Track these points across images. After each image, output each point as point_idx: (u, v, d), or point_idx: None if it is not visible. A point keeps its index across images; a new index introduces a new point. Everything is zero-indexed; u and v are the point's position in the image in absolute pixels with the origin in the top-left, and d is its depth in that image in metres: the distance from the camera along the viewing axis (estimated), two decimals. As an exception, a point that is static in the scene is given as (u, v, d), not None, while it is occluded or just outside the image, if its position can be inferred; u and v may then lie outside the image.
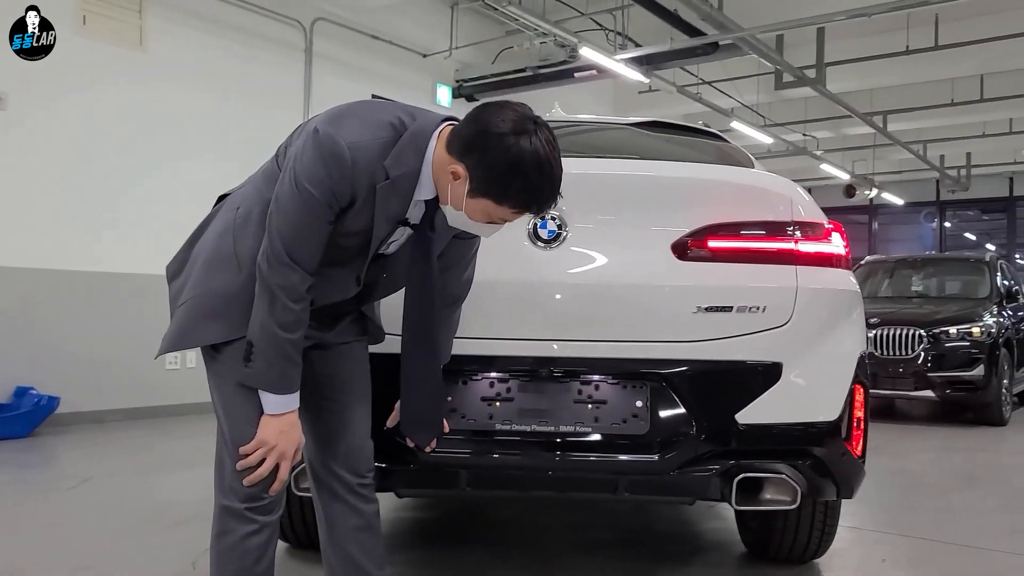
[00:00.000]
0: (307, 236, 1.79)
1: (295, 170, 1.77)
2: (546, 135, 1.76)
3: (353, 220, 1.82)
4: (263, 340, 1.81)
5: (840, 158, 16.04)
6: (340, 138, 1.74)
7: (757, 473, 2.37)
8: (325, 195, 1.75)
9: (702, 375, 2.37)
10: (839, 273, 2.55)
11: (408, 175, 1.81)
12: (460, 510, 4.08)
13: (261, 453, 1.86)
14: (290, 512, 3.00)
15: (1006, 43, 9.96)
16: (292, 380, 1.87)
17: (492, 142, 1.72)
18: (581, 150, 3.26)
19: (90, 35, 6.92)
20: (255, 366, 1.83)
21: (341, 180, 1.75)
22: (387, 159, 1.78)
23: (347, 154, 1.74)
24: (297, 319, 1.82)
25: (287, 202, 1.78)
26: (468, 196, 1.78)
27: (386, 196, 1.81)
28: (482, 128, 1.74)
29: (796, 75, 10.04)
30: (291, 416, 1.89)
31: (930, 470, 5.66)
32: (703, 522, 3.90)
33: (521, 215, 1.83)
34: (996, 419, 7.81)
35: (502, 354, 2.40)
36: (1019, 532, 3.90)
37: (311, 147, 1.76)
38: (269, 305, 1.80)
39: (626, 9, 9.46)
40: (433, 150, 1.82)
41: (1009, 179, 18.60)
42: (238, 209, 1.94)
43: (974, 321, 7.90)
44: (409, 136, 1.81)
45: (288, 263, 1.78)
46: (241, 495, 1.87)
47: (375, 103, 1.91)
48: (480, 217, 1.82)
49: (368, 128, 1.79)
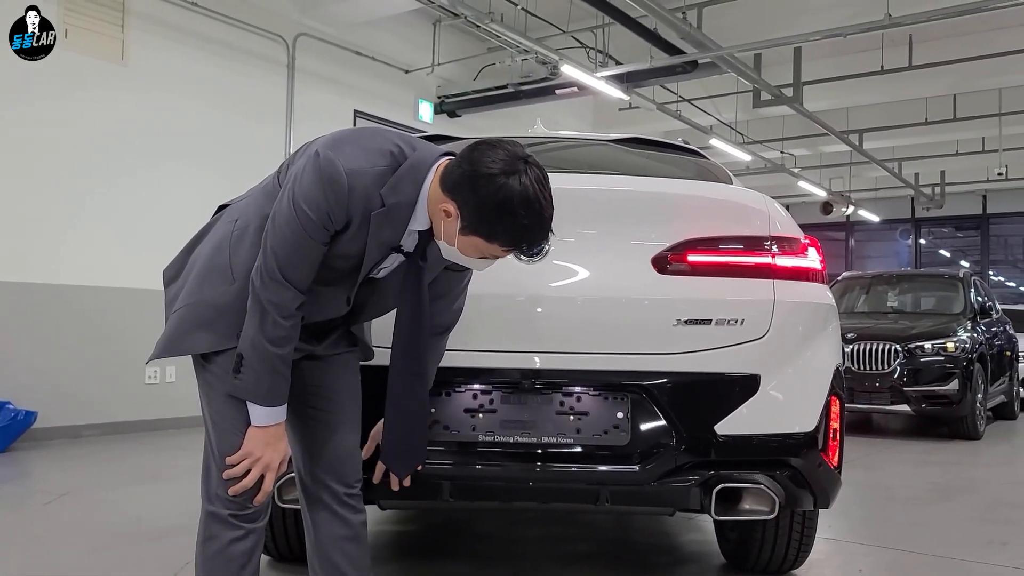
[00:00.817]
0: (301, 256, 1.82)
1: (294, 191, 1.81)
2: (536, 174, 1.79)
3: (347, 244, 1.86)
4: (253, 354, 1.85)
5: (817, 175, 16.22)
6: (339, 164, 1.78)
7: (736, 483, 2.40)
8: (321, 218, 1.79)
9: (682, 387, 2.41)
10: (815, 287, 2.60)
11: (404, 204, 1.85)
12: (442, 523, 4.08)
13: (247, 464, 1.89)
14: (272, 525, 3.00)
15: (978, 63, 10.17)
16: (280, 393, 1.90)
17: (482, 182, 1.75)
18: (563, 166, 3.31)
19: (71, 48, 6.91)
20: (244, 378, 1.86)
21: (337, 205, 1.78)
22: (384, 187, 1.81)
23: (345, 180, 1.77)
24: (287, 335, 1.86)
25: (284, 222, 1.81)
26: (460, 233, 1.81)
27: (380, 223, 1.84)
28: (473, 168, 1.77)
29: (774, 93, 10.17)
30: (278, 428, 1.93)
31: (906, 483, 5.73)
32: (682, 534, 3.93)
33: (512, 252, 1.90)
34: (971, 433, 7.91)
35: (485, 366, 2.43)
36: (994, 543, 3.96)
37: (311, 170, 1.79)
38: (260, 320, 1.83)
39: (607, 27, 9.56)
40: (430, 183, 1.85)
41: (982, 197, 18.87)
42: (236, 221, 1.98)
43: (949, 336, 8.01)
44: (408, 167, 1.84)
45: (281, 281, 1.82)
46: (226, 502, 1.90)
47: (378, 130, 1.93)
48: (472, 253, 1.86)
49: (368, 156, 1.82)
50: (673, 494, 2.42)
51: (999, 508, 4.88)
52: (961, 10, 7.67)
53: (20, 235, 6.62)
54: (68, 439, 6.69)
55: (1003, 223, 19.35)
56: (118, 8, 7.30)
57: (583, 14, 9.17)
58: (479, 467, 2.40)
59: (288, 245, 1.81)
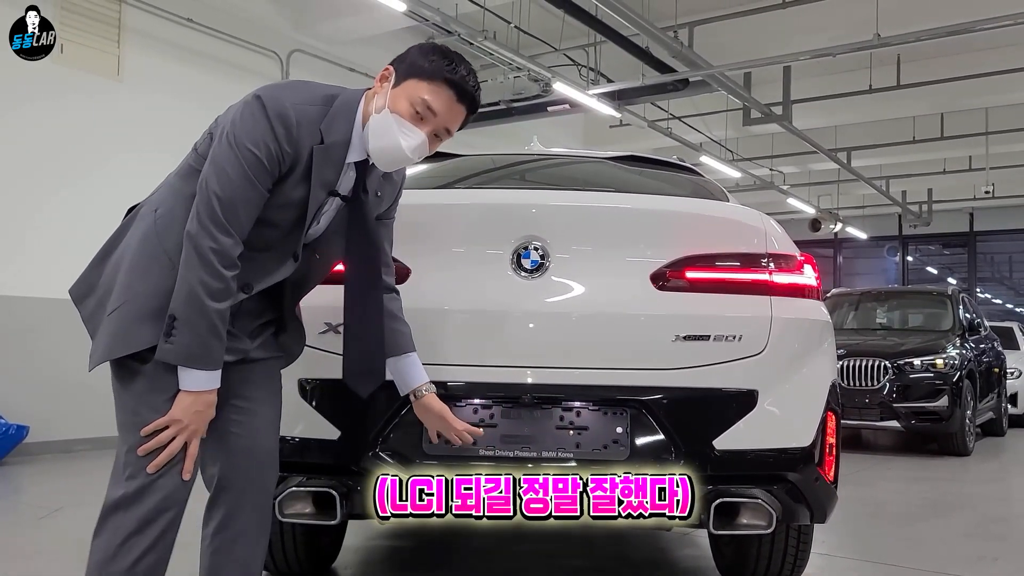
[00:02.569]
0: (244, 200, 1.82)
1: (234, 135, 1.81)
2: (459, 55, 1.98)
3: (291, 189, 1.89)
4: (189, 310, 1.77)
5: (806, 193, 16.36)
6: (286, 100, 1.85)
7: (734, 498, 2.42)
8: (268, 158, 1.82)
9: (680, 402, 2.43)
10: (811, 303, 2.64)
11: (340, 142, 1.92)
12: (437, 538, 4.09)
13: (171, 432, 1.81)
14: (271, 541, 2.99)
15: (965, 83, 10.30)
16: (216, 356, 1.83)
17: (414, 47, 1.98)
18: (560, 183, 3.35)
19: (67, 63, 6.93)
20: (178, 339, 1.77)
21: (287, 141, 1.83)
22: (323, 123, 1.89)
23: (292, 114, 1.83)
24: (226, 288, 1.81)
25: (226, 165, 1.80)
26: (393, 88, 1.92)
27: (322, 161, 1.89)
28: (408, 51, 1.98)
29: (763, 111, 10.28)
30: (210, 396, 1.85)
31: (897, 499, 5.76)
32: (678, 549, 3.94)
33: (441, 91, 1.93)
34: (960, 449, 7.95)
35: (486, 381, 2.44)
36: (986, 559, 3.99)
37: (255, 111, 1.83)
38: (199, 270, 1.77)
39: (599, 45, 9.64)
40: (361, 111, 1.95)
41: (969, 214, 19.06)
42: (156, 211, 1.92)
43: (938, 353, 8.06)
44: (340, 104, 1.93)
45: (223, 224, 1.79)
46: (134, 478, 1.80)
47: (304, 81, 2.03)
48: (403, 105, 1.91)
49: (307, 94, 1.91)
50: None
51: (989, 524, 4.92)
52: (949, 31, 7.79)
53: (16, 249, 6.61)
54: (60, 453, 6.66)
55: (990, 241, 19.55)
56: (114, 24, 7.33)
57: (575, 32, 9.25)
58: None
59: (231, 187, 1.80)
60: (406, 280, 2.45)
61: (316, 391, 2.46)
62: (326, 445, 2.44)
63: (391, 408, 2.41)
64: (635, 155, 3.34)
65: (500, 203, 2.66)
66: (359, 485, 2.40)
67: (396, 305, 2.26)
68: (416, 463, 2.39)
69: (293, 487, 2.42)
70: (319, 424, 2.44)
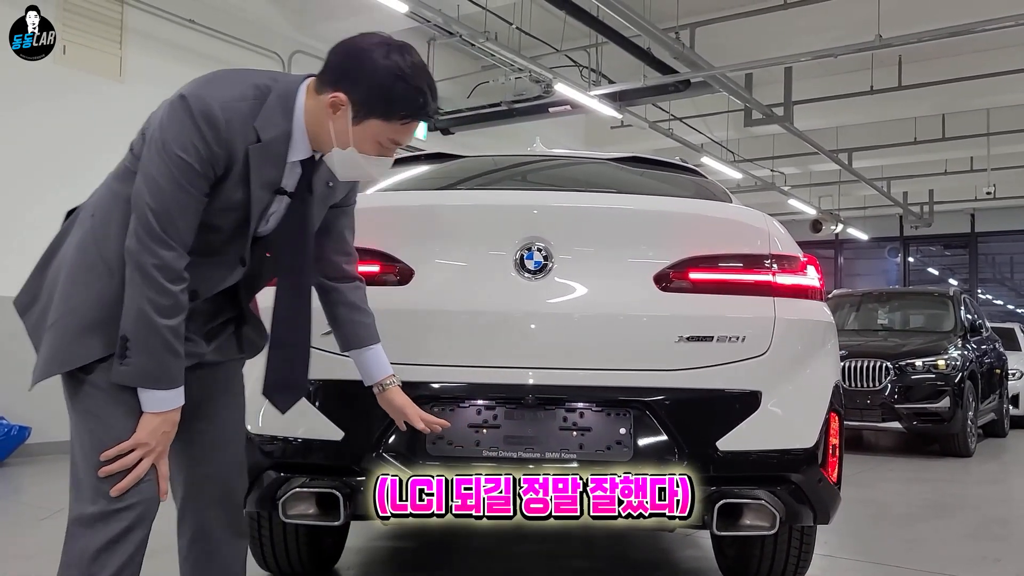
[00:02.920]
0: (180, 209, 1.70)
1: (162, 141, 1.69)
2: (412, 50, 1.80)
3: (230, 191, 1.76)
4: (140, 330, 1.68)
5: (807, 193, 16.35)
6: (211, 99, 1.70)
7: (737, 499, 2.42)
8: (200, 162, 1.69)
9: (684, 403, 2.44)
10: (814, 304, 2.64)
11: (279, 138, 1.77)
12: (438, 538, 4.09)
13: (137, 454, 1.72)
14: (272, 539, 3.00)
15: (966, 84, 10.30)
16: (176, 373, 1.74)
17: (366, 58, 1.73)
18: (564, 184, 3.35)
19: (69, 64, 6.94)
20: (132, 361, 1.69)
21: (217, 142, 1.69)
22: (257, 119, 1.74)
23: (220, 114, 1.69)
24: (176, 303, 1.71)
25: (157, 175, 1.68)
26: (353, 124, 1.76)
27: (260, 160, 1.76)
28: (351, 51, 1.75)
29: (765, 112, 10.28)
30: (174, 414, 1.77)
31: (899, 500, 5.76)
32: (680, 550, 3.94)
33: (410, 127, 1.81)
34: (962, 450, 7.95)
35: (489, 382, 2.44)
36: (988, 560, 3.99)
37: (180, 113, 1.69)
38: (145, 289, 1.67)
39: (600, 46, 9.65)
40: (302, 106, 1.79)
41: (970, 215, 19.05)
42: (93, 216, 1.81)
43: (939, 354, 8.06)
44: (275, 97, 1.77)
45: (162, 238, 1.68)
46: (106, 498, 1.71)
47: (236, 69, 1.87)
48: (370, 147, 1.79)
49: (236, 89, 1.75)
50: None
51: (991, 525, 4.92)
52: (951, 31, 7.79)
53: (17, 249, 6.61)
54: (62, 454, 6.64)
55: (991, 242, 19.55)
56: (116, 25, 7.34)
57: (577, 33, 9.26)
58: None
59: (166, 198, 1.68)
60: (410, 281, 2.45)
61: (319, 392, 2.45)
62: (329, 446, 2.44)
63: (394, 409, 2.42)
64: (638, 156, 3.34)
65: (503, 204, 2.66)
66: (362, 486, 2.41)
67: (359, 295, 2.17)
68: (419, 464, 2.39)
69: (297, 488, 2.42)
70: (322, 425, 2.44)
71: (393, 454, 2.40)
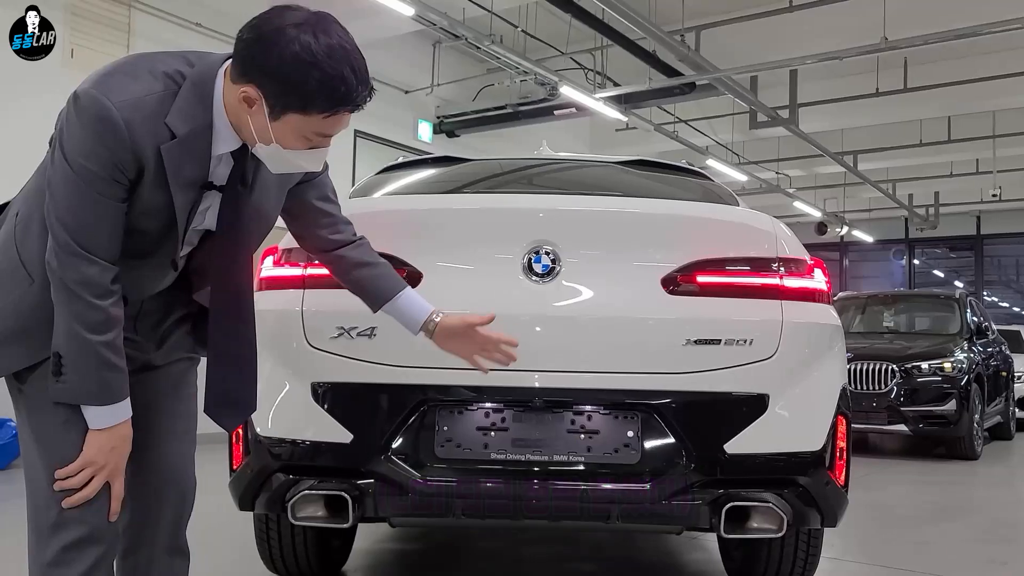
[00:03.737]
0: (95, 219, 1.53)
1: (63, 146, 1.52)
2: (329, 18, 1.55)
3: (148, 195, 1.58)
4: (72, 348, 1.56)
5: (812, 196, 16.35)
6: (107, 99, 1.49)
7: (745, 502, 2.42)
8: (106, 168, 1.50)
9: (692, 406, 2.44)
10: (822, 308, 2.64)
11: (198, 131, 1.57)
12: (447, 541, 4.10)
13: (88, 473, 1.61)
14: (281, 541, 3.01)
15: (972, 86, 10.30)
16: (116, 388, 1.61)
17: (270, 42, 1.49)
18: (571, 187, 3.36)
19: (77, 68, 6.97)
20: (68, 379, 1.57)
21: (119, 147, 1.50)
22: (168, 115, 1.54)
23: (117, 115, 1.49)
24: (107, 318, 1.57)
25: (62, 184, 1.52)
26: (271, 119, 1.54)
27: (176, 158, 1.56)
28: (258, 35, 1.51)
29: (770, 115, 10.29)
30: (122, 428, 1.65)
31: (905, 502, 5.75)
32: (687, 553, 3.95)
33: (338, 119, 1.58)
34: (968, 453, 7.93)
35: (497, 384, 2.44)
36: (995, 563, 3.98)
37: (75, 115, 1.51)
38: (70, 307, 1.54)
39: (605, 49, 9.67)
40: (221, 93, 1.58)
41: (976, 218, 19.02)
42: (16, 215, 1.68)
43: (945, 357, 8.04)
44: (189, 85, 1.56)
45: (79, 253, 1.53)
46: (75, 524, 1.62)
47: (144, 55, 1.64)
48: (295, 142, 1.58)
49: (139, 82, 1.53)
50: (683, 512, 2.44)
51: (998, 528, 4.91)
52: (956, 34, 7.80)
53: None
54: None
55: (997, 244, 19.51)
56: (123, 28, 7.37)
57: (582, 36, 9.28)
58: (491, 485, 2.42)
59: (76, 210, 1.51)
60: (418, 284, 2.46)
61: (328, 395, 2.47)
62: (338, 448, 2.44)
63: (403, 412, 2.43)
64: (644, 159, 3.35)
65: (511, 208, 2.67)
66: (370, 488, 2.42)
67: (364, 251, 2.02)
68: (427, 466, 2.40)
69: (305, 490, 2.43)
70: (331, 427, 2.45)
71: (401, 456, 2.41)
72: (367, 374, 2.44)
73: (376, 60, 8.74)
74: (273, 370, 2.52)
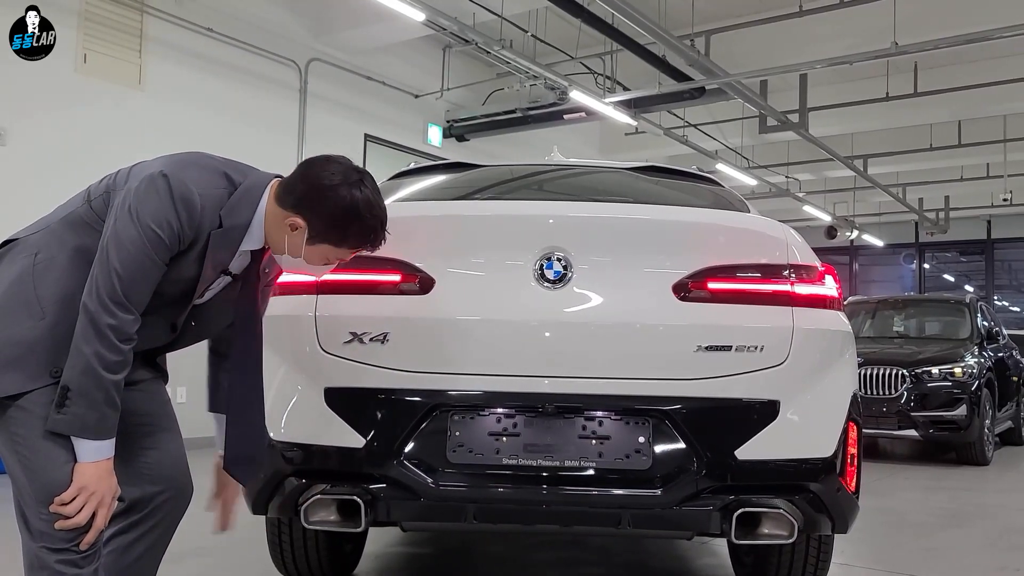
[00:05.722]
0: (143, 278, 1.82)
1: (137, 211, 1.80)
2: (371, 182, 1.96)
3: (186, 267, 1.89)
4: (86, 383, 1.77)
5: (822, 200, 16.31)
6: (192, 184, 1.84)
7: (756, 508, 2.43)
8: (171, 238, 1.82)
9: (703, 412, 2.45)
10: (832, 314, 2.64)
11: (239, 227, 1.92)
12: (457, 546, 4.11)
13: (81, 500, 1.80)
14: (293, 545, 3.03)
15: (982, 91, 10.26)
16: (111, 425, 1.83)
17: (328, 194, 1.90)
18: (582, 193, 3.37)
19: (90, 73, 7.02)
20: (73, 411, 1.77)
21: (188, 224, 1.83)
22: (223, 208, 1.89)
23: (197, 200, 1.84)
24: (123, 360, 1.82)
25: (128, 243, 1.79)
26: (307, 244, 1.94)
27: (217, 244, 1.90)
28: (314, 183, 1.91)
29: (780, 119, 10.27)
30: (108, 463, 1.85)
31: (916, 508, 5.73)
32: (697, 558, 3.95)
33: (357, 252, 2.01)
34: (979, 459, 7.90)
35: (509, 390, 2.46)
36: (1007, 570, 3.97)
37: (161, 190, 1.81)
38: (97, 345, 1.77)
39: (615, 54, 9.67)
40: (265, 205, 1.95)
41: (986, 222, 18.94)
42: (37, 254, 1.90)
43: (956, 361, 8.01)
44: (243, 191, 1.93)
45: (124, 303, 1.79)
46: (56, 540, 1.80)
47: (209, 156, 2.00)
48: (318, 260, 1.99)
49: (210, 178, 1.90)
50: (694, 518, 2.45)
51: (1010, 534, 4.89)
52: (967, 39, 7.77)
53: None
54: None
55: (1007, 248, 19.41)
56: (136, 34, 7.42)
57: (592, 41, 9.28)
58: (502, 490, 2.43)
59: (133, 267, 1.80)
60: (431, 290, 2.48)
61: (341, 400, 2.48)
62: (350, 453, 2.46)
63: (415, 417, 2.45)
64: (656, 165, 3.36)
65: (523, 214, 2.68)
66: (382, 492, 2.43)
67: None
68: (439, 471, 2.42)
69: (318, 494, 2.45)
70: (344, 432, 2.46)
71: (414, 461, 2.42)
72: (380, 379, 2.46)
73: (387, 65, 8.88)
74: (286, 375, 2.54)
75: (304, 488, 2.47)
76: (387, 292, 2.50)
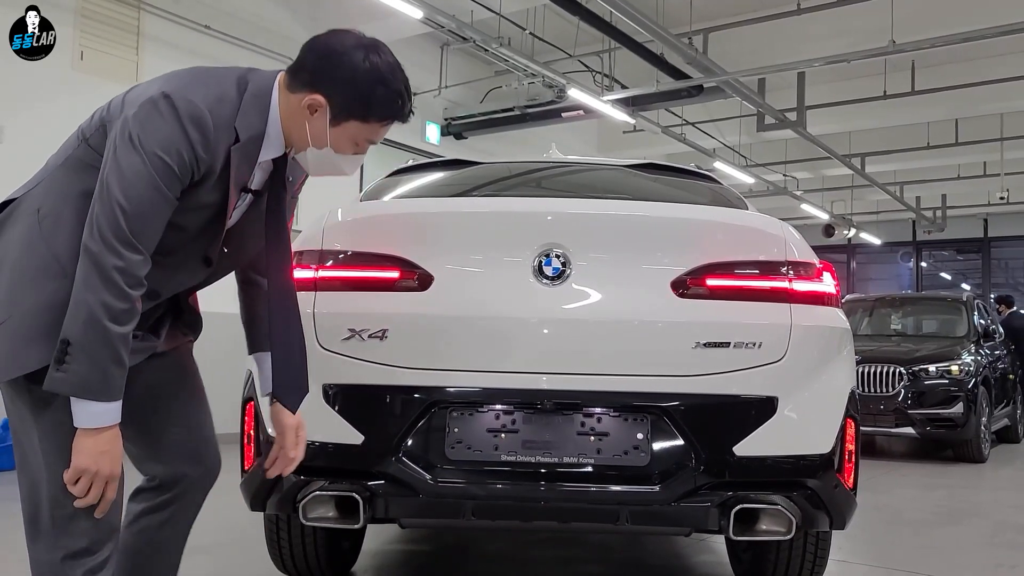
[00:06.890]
0: (152, 212, 1.61)
1: (140, 138, 1.59)
2: (387, 49, 1.77)
3: (206, 193, 1.70)
4: (88, 335, 1.55)
5: (819, 198, 16.32)
6: (199, 101, 1.63)
7: (754, 504, 2.43)
8: (181, 167, 1.62)
9: (701, 409, 2.45)
10: (830, 311, 2.65)
11: (255, 138, 1.73)
12: (455, 543, 4.11)
13: (84, 483, 1.63)
14: (291, 542, 3.02)
15: (979, 89, 10.28)
16: (117, 385, 1.61)
17: (343, 59, 1.70)
18: (581, 190, 3.38)
19: (87, 70, 7.01)
20: (72, 368, 1.55)
21: (203, 147, 1.63)
22: (237, 119, 1.69)
23: (208, 117, 1.63)
24: (131, 308, 1.60)
25: (131, 173, 1.58)
26: (331, 125, 1.74)
27: (239, 161, 1.71)
28: (327, 52, 1.72)
29: (777, 117, 10.28)
30: (113, 432, 1.64)
31: (913, 505, 5.75)
32: (694, 555, 3.95)
33: (386, 127, 1.80)
34: (976, 456, 7.92)
35: (507, 387, 2.47)
36: (1003, 567, 3.98)
37: (166, 113, 1.61)
38: (101, 291, 1.56)
39: (613, 52, 9.67)
40: (277, 104, 1.75)
41: (983, 220, 18.96)
42: (39, 211, 1.69)
43: (953, 359, 8.03)
44: (251, 97, 1.72)
45: (129, 240, 1.58)
46: (77, 536, 1.68)
47: (209, 68, 1.79)
48: (346, 146, 1.79)
49: (218, 90, 1.69)
50: (692, 514, 2.45)
51: (1006, 531, 4.90)
52: (964, 37, 7.78)
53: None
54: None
55: (1004, 247, 19.45)
56: (133, 31, 7.40)
57: (590, 39, 9.28)
58: (501, 486, 2.43)
59: (139, 199, 1.58)
60: (429, 287, 2.48)
61: (339, 396, 2.48)
62: (349, 450, 2.46)
63: (413, 414, 2.45)
64: (654, 163, 3.36)
65: (522, 211, 2.69)
66: (381, 489, 2.43)
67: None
68: (438, 468, 2.42)
69: (316, 491, 2.45)
70: (342, 429, 2.46)
71: (412, 458, 2.43)
72: (378, 376, 2.46)
73: (385, 63, 8.54)
74: (285, 372, 2.54)
75: (302, 484, 2.47)
76: (385, 289, 2.50)
